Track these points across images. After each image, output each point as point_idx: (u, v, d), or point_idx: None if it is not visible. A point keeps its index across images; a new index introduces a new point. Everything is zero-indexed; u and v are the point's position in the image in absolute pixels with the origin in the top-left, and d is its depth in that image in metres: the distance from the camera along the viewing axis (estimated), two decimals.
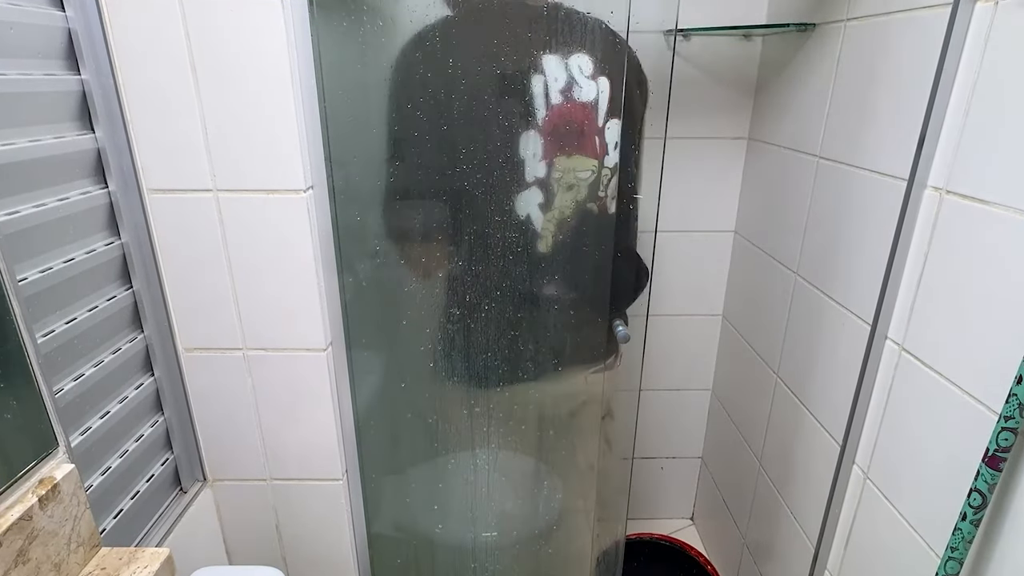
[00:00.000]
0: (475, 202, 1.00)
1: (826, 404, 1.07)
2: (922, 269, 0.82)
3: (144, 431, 0.89)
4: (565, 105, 0.96)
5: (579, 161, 0.99)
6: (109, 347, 0.82)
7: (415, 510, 1.21)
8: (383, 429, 1.12)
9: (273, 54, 0.78)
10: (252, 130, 0.81)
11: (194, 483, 1.00)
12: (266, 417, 0.97)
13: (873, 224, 0.93)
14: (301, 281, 0.88)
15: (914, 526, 0.83)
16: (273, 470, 1.01)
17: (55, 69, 0.73)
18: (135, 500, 0.86)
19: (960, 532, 0.69)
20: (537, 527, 1.27)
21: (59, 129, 0.73)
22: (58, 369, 0.73)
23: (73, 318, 0.75)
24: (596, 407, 1.21)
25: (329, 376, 0.94)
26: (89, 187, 0.78)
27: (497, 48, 0.93)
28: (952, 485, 0.76)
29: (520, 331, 1.08)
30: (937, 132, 0.79)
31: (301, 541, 1.06)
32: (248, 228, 0.86)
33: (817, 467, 1.09)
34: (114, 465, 0.82)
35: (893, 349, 0.89)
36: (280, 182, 0.83)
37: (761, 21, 1.32)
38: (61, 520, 0.60)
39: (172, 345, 0.92)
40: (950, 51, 0.76)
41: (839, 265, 1.03)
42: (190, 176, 0.83)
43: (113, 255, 0.82)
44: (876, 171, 0.92)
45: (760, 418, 1.36)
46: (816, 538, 1.08)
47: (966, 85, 0.75)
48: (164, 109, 0.80)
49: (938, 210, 0.79)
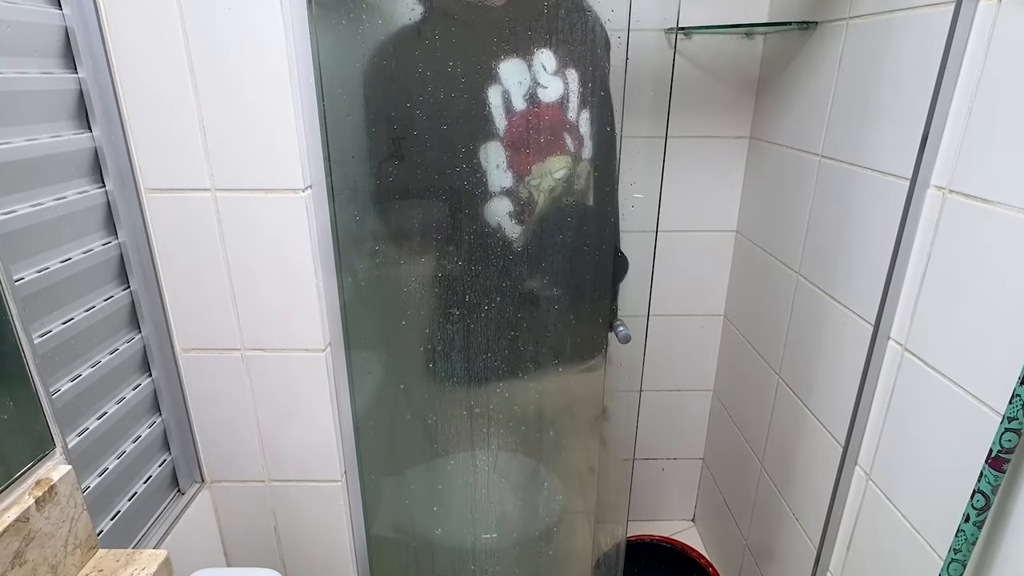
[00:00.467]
0: (465, 204, 1.00)
1: (828, 405, 1.07)
2: (925, 269, 0.82)
3: (142, 432, 0.89)
4: (531, 111, 0.95)
5: (553, 162, 0.99)
6: (106, 347, 0.82)
7: (414, 512, 1.21)
8: (382, 430, 1.12)
9: (271, 52, 0.78)
10: (250, 129, 0.81)
11: (192, 484, 1.00)
12: (264, 418, 0.97)
13: (876, 223, 0.93)
14: (299, 281, 0.89)
15: (917, 528, 0.83)
16: (271, 471, 1.01)
17: (52, 67, 0.73)
18: (133, 501, 0.86)
19: (963, 534, 0.69)
20: (537, 529, 1.27)
21: (56, 128, 0.73)
22: (55, 370, 0.73)
23: (70, 318, 0.75)
24: (589, 406, 1.21)
25: (327, 377, 0.94)
26: (86, 186, 0.78)
27: (458, 59, 0.92)
28: (955, 486, 0.76)
29: (509, 329, 1.08)
30: (940, 131, 0.79)
31: (299, 543, 1.06)
32: (246, 228, 0.86)
33: (819, 468, 1.09)
34: (111, 466, 0.82)
35: (895, 349, 0.89)
36: (278, 181, 0.83)
37: (763, 19, 1.32)
38: (58, 522, 0.60)
39: (170, 345, 0.92)
40: (953, 49, 0.76)
41: (841, 265, 1.03)
42: (188, 175, 0.83)
43: (110, 255, 0.82)
44: (879, 170, 0.92)
45: (762, 419, 1.36)
46: (818, 540, 1.08)
47: (969, 83, 0.75)
48: (162, 108, 0.80)
49: (941, 209, 0.79)
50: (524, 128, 0.96)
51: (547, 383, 1.14)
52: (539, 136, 0.97)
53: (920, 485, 0.83)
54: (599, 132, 1.01)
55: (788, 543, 1.22)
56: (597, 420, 1.22)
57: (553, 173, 0.97)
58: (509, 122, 0.95)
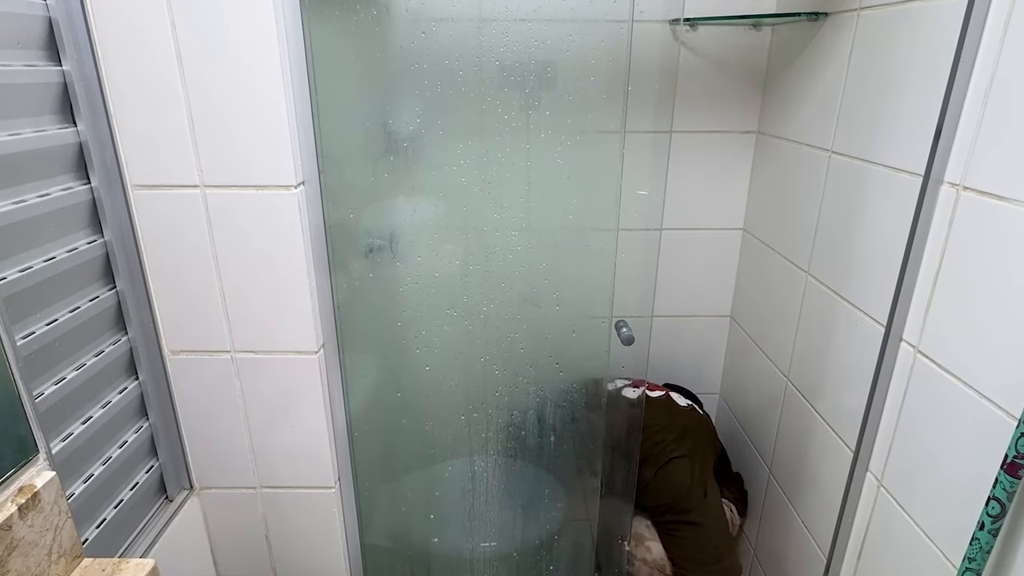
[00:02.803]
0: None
1: (839, 409, 1.07)
2: (938, 268, 0.82)
3: (128, 437, 0.89)
4: None
5: None
6: (92, 350, 0.82)
7: (410, 519, 1.21)
8: (377, 435, 1.12)
9: (263, 44, 0.78)
10: (241, 123, 0.81)
11: (180, 491, 1.00)
12: (255, 422, 0.97)
13: (887, 221, 0.93)
14: (292, 280, 0.88)
15: (930, 535, 0.83)
16: (263, 478, 1.01)
17: (35, 60, 0.73)
18: (119, 509, 0.86)
19: (978, 542, 0.69)
20: (537, 538, 1.27)
21: (39, 122, 0.73)
22: (38, 372, 0.73)
23: (54, 319, 0.75)
24: (598, 414, 1.21)
25: (321, 379, 0.94)
26: (71, 183, 0.78)
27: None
28: (969, 493, 0.76)
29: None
30: (954, 125, 0.79)
31: (292, 552, 1.06)
32: (236, 225, 0.86)
33: (829, 474, 1.09)
34: (97, 473, 0.82)
35: (908, 351, 0.89)
36: (270, 177, 0.83)
37: (771, 10, 1.32)
38: (42, 530, 0.60)
39: (157, 347, 0.92)
40: (967, 41, 0.76)
41: (852, 264, 1.03)
42: (176, 171, 0.83)
43: (96, 254, 0.82)
44: (890, 166, 0.92)
45: (770, 423, 1.36)
46: (828, 548, 1.08)
47: (984, 76, 0.75)
48: (149, 101, 0.80)
49: (955, 207, 0.79)
50: None
51: (556, 386, 1.13)
52: None
53: (933, 492, 0.83)
54: None
55: (798, 551, 1.22)
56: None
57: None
58: None
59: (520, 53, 1.01)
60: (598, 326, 1.13)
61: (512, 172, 1.04)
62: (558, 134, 1.06)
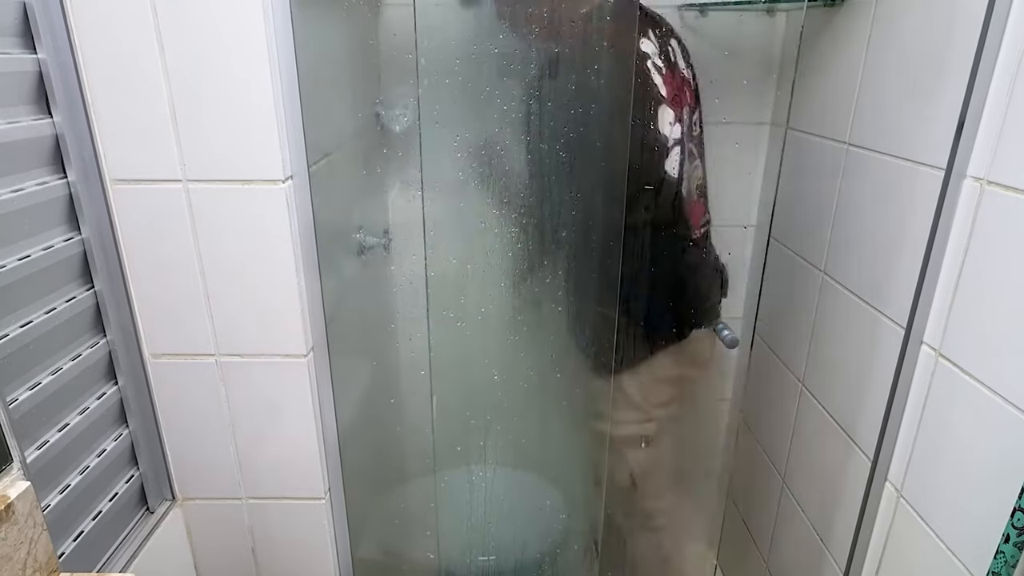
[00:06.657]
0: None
1: (856, 415, 1.07)
2: (961, 267, 0.82)
3: (107, 445, 0.89)
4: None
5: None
6: (68, 353, 0.82)
7: (405, 532, 1.21)
8: (369, 443, 1.12)
9: (249, 30, 0.78)
10: (225, 114, 0.81)
11: (162, 502, 1.00)
12: (241, 430, 0.97)
13: (907, 218, 0.93)
14: (279, 281, 0.88)
15: (952, 548, 0.83)
16: (249, 488, 1.01)
17: (8, 47, 0.73)
18: (97, 521, 0.86)
19: (1003, 555, 0.69)
20: (538, 551, 1.27)
21: (13, 113, 0.73)
22: (12, 377, 0.73)
23: (29, 321, 0.75)
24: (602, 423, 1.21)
25: (310, 385, 0.94)
26: (46, 177, 0.78)
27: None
28: (994, 504, 0.76)
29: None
30: (978, 116, 0.79)
31: (279, 566, 1.06)
32: (221, 222, 0.86)
33: (846, 484, 1.09)
34: (74, 483, 0.82)
35: (929, 355, 0.89)
36: (256, 172, 0.83)
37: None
38: (15, 543, 0.60)
39: (138, 351, 0.92)
40: (992, 25, 0.76)
41: (870, 263, 1.03)
42: (157, 165, 0.83)
43: (73, 252, 0.82)
44: (911, 159, 0.92)
45: (784, 431, 1.36)
46: (845, 562, 1.08)
47: (1010, 63, 0.75)
48: (129, 91, 0.80)
49: (979, 202, 0.79)
50: None
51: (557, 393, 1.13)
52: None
53: (956, 502, 0.83)
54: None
55: (813, 566, 1.22)
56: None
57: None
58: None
59: (520, 42, 1.01)
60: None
61: (511, 165, 1.04)
62: (561, 125, 1.07)
